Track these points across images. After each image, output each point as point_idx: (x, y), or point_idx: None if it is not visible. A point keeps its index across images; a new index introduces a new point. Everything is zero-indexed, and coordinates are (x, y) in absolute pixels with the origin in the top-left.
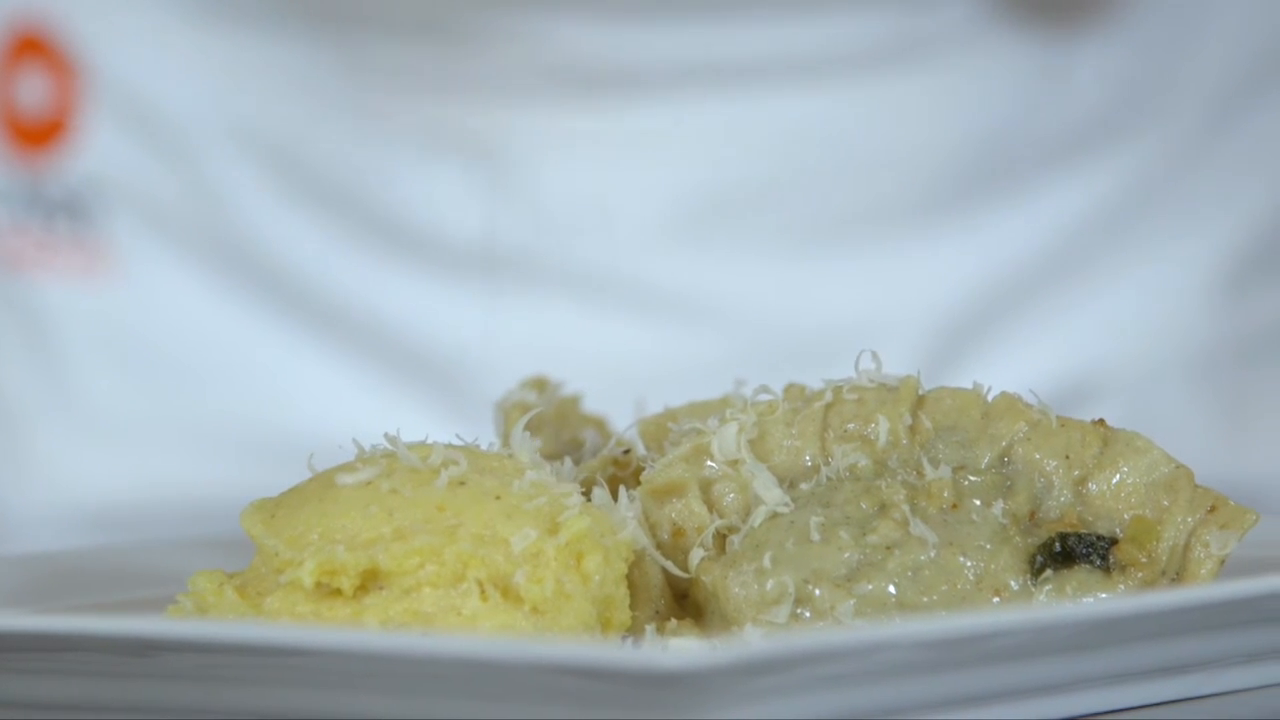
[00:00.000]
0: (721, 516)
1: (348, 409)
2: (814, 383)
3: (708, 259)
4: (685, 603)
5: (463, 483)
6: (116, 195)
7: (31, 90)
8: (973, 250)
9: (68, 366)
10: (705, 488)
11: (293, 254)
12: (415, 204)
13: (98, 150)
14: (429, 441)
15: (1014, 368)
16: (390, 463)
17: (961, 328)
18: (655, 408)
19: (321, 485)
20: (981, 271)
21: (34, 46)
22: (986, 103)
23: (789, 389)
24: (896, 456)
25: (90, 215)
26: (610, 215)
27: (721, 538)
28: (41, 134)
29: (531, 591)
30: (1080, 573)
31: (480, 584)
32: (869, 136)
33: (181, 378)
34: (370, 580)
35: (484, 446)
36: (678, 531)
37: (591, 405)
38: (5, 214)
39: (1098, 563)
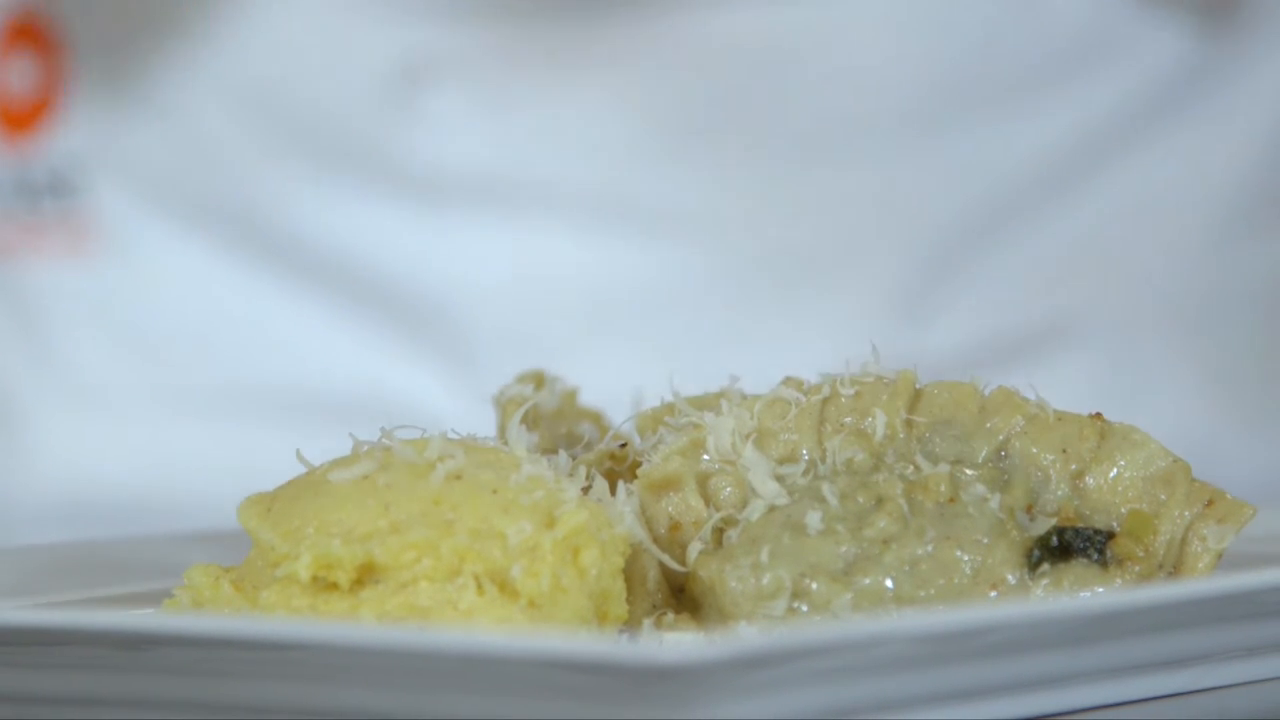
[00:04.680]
0: (718, 510)
1: (343, 357)
2: (810, 376)
3: (688, 175)
4: (682, 596)
5: (459, 476)
6: (100, 165)
7: (19, 75)
8: (954, 169)
9: (59, 346)
10: (702, 482)
11: (279, 204)
12: (401, 139)
13: (79, 123)
14: (426, 435)
15: (990, 293)
16: (386, 456)
17: (939, 248)
18: (653, 401)
19: (317, 479)
20: (962, 191)
21: (25, 32)
22: (966, 18)
23: (786, 382)
24: (893, 451)
25: (75, 191)
26: (588, 134)
27: (719, 532)
28: (26, 117)
29: (528, 585)
30: (1077, 567)
31: (476, 578)
32: (849, 52)
33: (176, 344)
34: (366, 574)
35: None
36: (674, 525)
37: (589, 399)
38: None
39: (1095, 557)
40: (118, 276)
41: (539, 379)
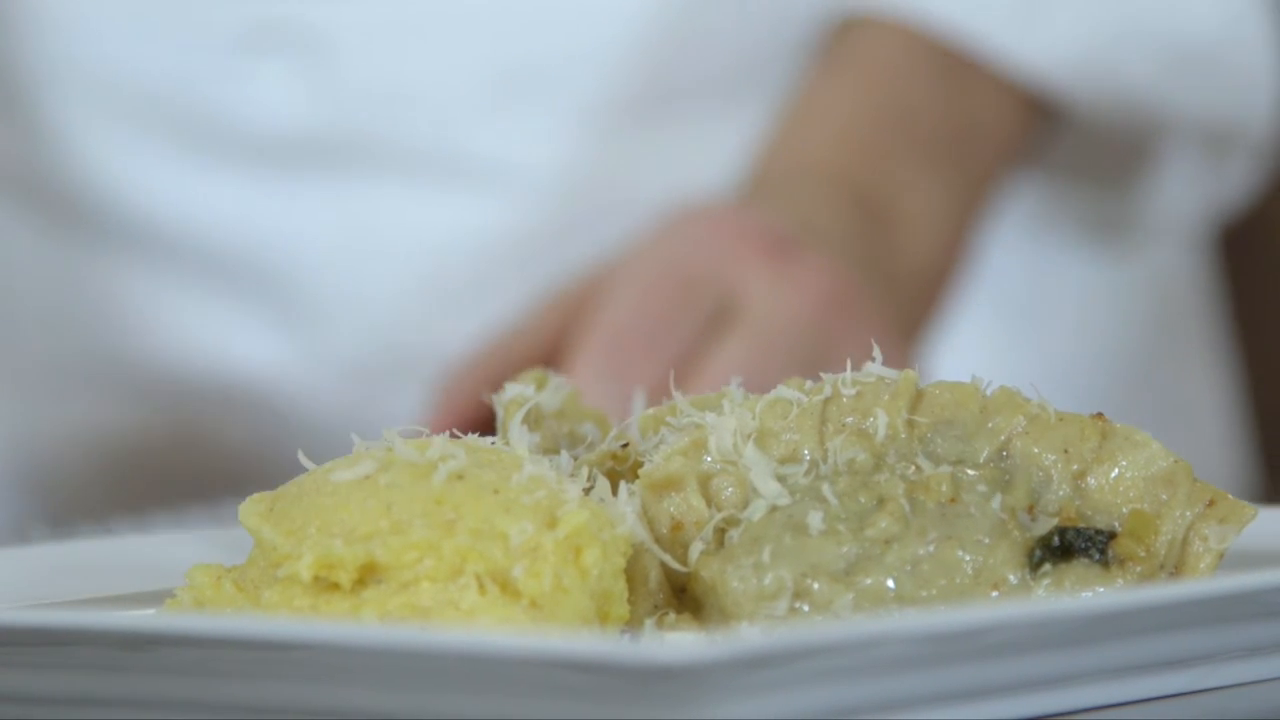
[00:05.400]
0: (720, 510)
1: (184, 329)
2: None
3: (525, 130)
4: (684, 597)
5: (461, 476)
6: None
7: None
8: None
9: None
10: (704, 482)
11: (111, 178)
12: (239, 104)
13: None
14: (426, 436)
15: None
16: (388, 456)
17: None
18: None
19: (319, 479)
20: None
21: None
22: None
23: (787, 383)
24: (894, 451)
25: None
26: (431, 92)
27: (720, 532)
28: None
29: (530, 585)
30: (1079, 567)
31: (478, 578)
32: (683, 10)
33: (6, 320)
34: (368, 574)
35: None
36: (676, 525)
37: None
38: None
39: (1096, 557)
40: None
41: (541, 379)
